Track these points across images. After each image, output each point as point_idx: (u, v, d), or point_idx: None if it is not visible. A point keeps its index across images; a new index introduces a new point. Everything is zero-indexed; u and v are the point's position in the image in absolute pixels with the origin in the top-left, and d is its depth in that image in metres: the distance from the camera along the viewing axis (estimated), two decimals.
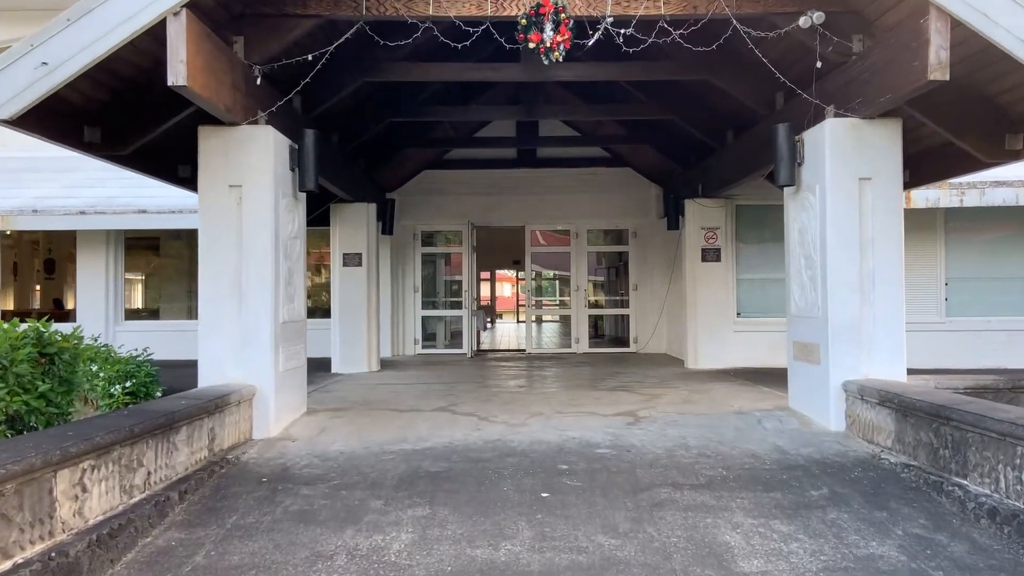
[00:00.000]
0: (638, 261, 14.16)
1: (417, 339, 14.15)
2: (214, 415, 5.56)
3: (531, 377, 10.35)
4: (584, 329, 14.25)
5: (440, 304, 15.02)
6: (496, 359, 13.27)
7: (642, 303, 14.11)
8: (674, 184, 12.55)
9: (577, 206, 14.10)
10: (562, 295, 32.22)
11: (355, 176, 10.93)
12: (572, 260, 14.33)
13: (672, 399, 7.95)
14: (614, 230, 14.83)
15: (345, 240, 11.15)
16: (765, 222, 11.58)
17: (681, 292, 12.10)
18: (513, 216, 14.23)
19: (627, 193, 14.09)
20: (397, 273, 14.03)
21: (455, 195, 14.09)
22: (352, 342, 11.06)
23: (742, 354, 11.13)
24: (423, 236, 14.38)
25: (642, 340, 14.06)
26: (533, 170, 14.06)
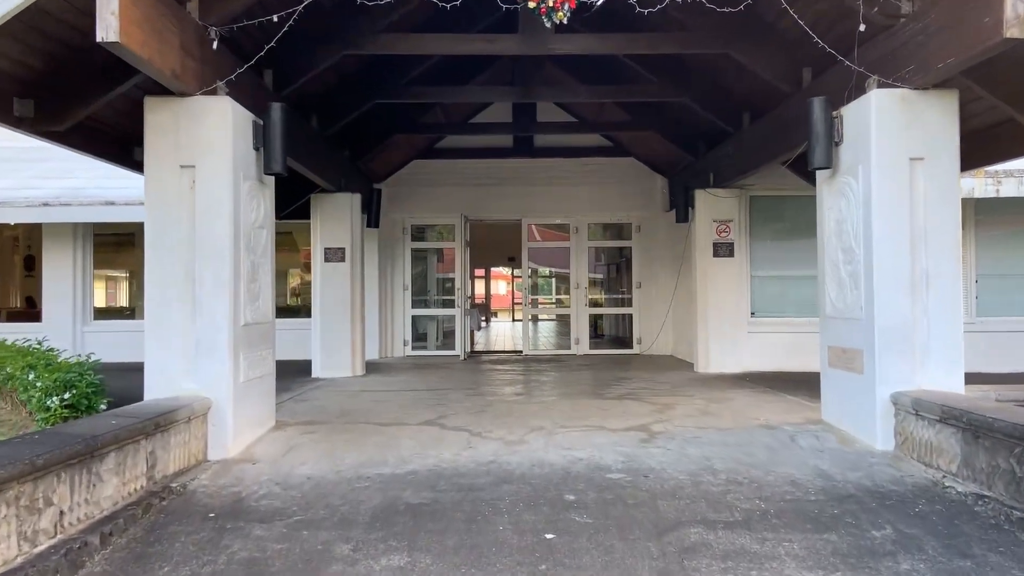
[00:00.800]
0: (642, 257, 13.30)
1: (407, 340, 13.28)
2: (155, 436, 4.68)
3: (529, 383, 9.48)
4: (584, 329, 13.39)
5: (432, 303, 14.14)
6: (491, 362, 12.40)
7: (646, 302, 13.26)
8: (682, 174, 11.70)
9: (577, 199, 13.25)
10: (559, 293, 31.43)
11: (337, 164, 10.05)
12: (572, 256, 13.47)
13: (688, 410, 7.09)
14: (616, 224, 13.97)
15: (327, 234, 10.27)
16: (781, 214, 10.74)
17: (690, 290, 11.25)
18: (509, 209, 13.37)
19: (630, 185, 13.23)
20: (385, 270, 13.15)
21: (447, 187, 13.23)
22: (334, 344, 10.19)
23: (757, 357, 10.29)
24: (413, 231, 13.50)
25: (646, 341, 13.21)
26: (530, 160, 13.20)
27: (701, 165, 10.79)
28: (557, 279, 30.20)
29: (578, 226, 13.38)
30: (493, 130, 12.40)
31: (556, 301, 29.64)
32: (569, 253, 13.57)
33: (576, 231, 13.37)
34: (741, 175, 9.46)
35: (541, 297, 30.15)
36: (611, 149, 13.20)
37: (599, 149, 13.20)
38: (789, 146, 7.59)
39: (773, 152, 8.16)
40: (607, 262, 16.84)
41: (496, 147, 13.19)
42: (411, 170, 13.23)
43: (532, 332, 13.72)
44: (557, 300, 24.87)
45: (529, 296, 13.53)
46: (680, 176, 11.79)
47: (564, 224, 13.67)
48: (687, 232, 11.13)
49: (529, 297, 13.54)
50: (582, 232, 13.39)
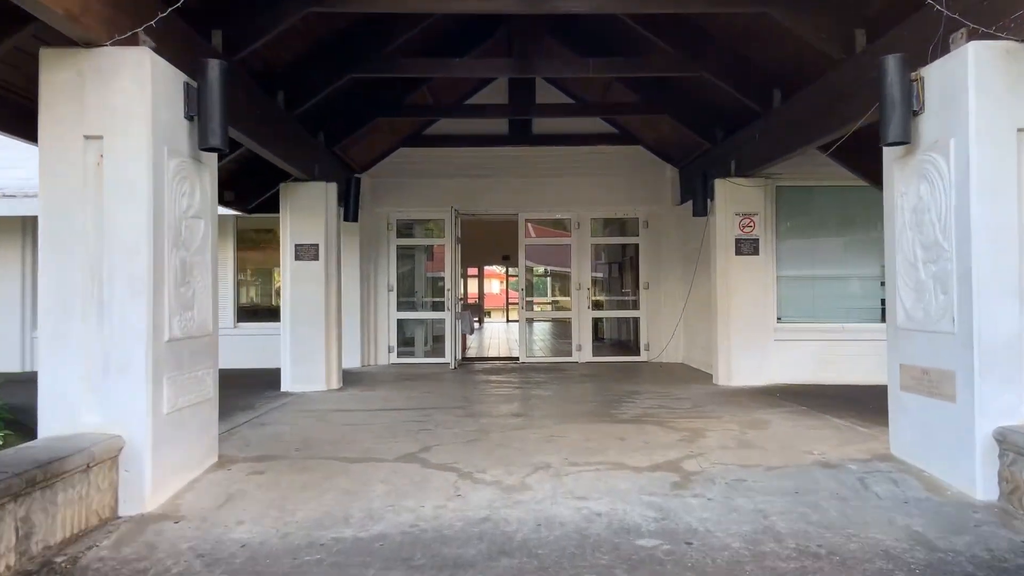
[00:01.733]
0: (650, 255, 12.12)
1: (392, 346, 12.06)
2: (29, 496, 3.46)
3: (528, 399, 8.28)
4: (587, 335, 12.20)
5: (419, 305, 12.94)
6: (484, 371, 11.20)
7: (654, 304, 12.08)
8: (698, 162, 10.53)
9: (579, 191, 12.05)
10: (557, 294, 30.24)
11: (309, 148, 8.83)
12: (573, 254, 12.27)
13: (722, 439, 5.90)
14: (621, 219, 12.78)
15: (298, 228, 9.04)
16: (811, 207, 9.58)
17: (706, 292, 10.07)
18: (504, 203, 12.17)
19: (638, 175, 12.05)
20: (368, 269, 11.93)
21: (436, 178, 12.02)
22: (306, 354, 8.96)
23: (784, 368, 9.13)
24: (399, 226, 12.29)
25: (655, 348, 12.03)
26: (528, 149, 12.01)
27: (720, 152, 9.62)
28: (553, 278, 29.06)
29: (580, 221, 12.18)
30: (487, 113, 11.20)
31: (552, 303, 28.50)
32: (569, 251, 12.37)
33: (578, 227, 12.18)
34: (768, 162, 8.29)
35: (538, 298, 28.99)
36: (616, 136, 12.01)
37: (603, 136, 12.01)
38: (837, 123, 6.44)
39: (813, 133, 7.00)
40: (608, 260, 15.65)
41: (490, 134, 11.99)
42: (396, 159, 12.02)
43: (528, 336, 12.52)
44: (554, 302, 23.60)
45: (525, 299, 12.34)
46: (695, 165, 10.61)
47: (564, 219, 12.47)
48: (704, 227, 9.95)
49: (525, 299, 12.34)
50: (584, 228, 12.20)
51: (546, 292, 31.39)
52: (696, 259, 10.63)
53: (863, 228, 9.46)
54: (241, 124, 6.03)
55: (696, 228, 10.82)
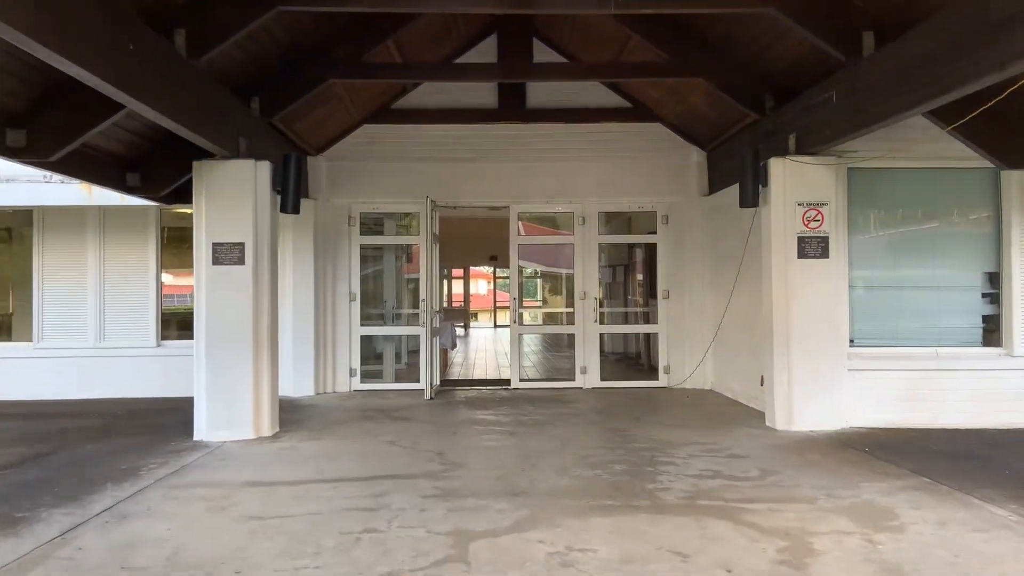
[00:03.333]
0: (671, 257, 9.91)
1: (354, 369, 9.79)
2: None
3: (526, 459, 6.00)
4: (594, 354, 9.96)
5: (390, 318, 10.68)
6: (468, 403, 8.94)
7: (676, 317, 9.87)
8: (733, 143, 8.35)
9: (584, 178, 9.83)
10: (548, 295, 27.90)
11: (232, 115, 6.58)
12: (576, 256, 10.03)
13: (846, 557, 3.68)
14: (636, 214, 10.57)
15: (217, 222, 6.77)
16: (893, 194, 7.39)
17: (751, 304, 7.90)
18: (492, 192, 9.93)
19: (656, 160, 9.84)
20: (325, 274, 9.66)
21: (409, 161, 9.77)
22: (226, 389, 6.70)
23: (861, 406, 6.97)
24: (363, 221, 10.01)
25: (678, 370, 9.82)
26: (522, 127, 9.78)
27: (772, 124, 7.43)
28: (544, 278, 26.78)
29: (585, 215, 9.95)
30: (469, 75, 8.93)
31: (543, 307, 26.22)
32: (572, 251, 10.13)
33: (582, 222, 9.94)
34: (850, 133, 6.13)
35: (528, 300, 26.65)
36: (630, 112, 9.80)
37: (613, 112, 9.80)
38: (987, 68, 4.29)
39: (935, 87, 4.83)
40: (610, 263, 13.44)
41: (475, 108, 9.74)
42: (360, 139, 9.76)
43: (520, 349, 10.26)
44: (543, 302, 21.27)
45: (518, 309, 10.09)
46: (733, 143, 8.43)
47: (565, 213, 10.23)
48: (750, 221, 7.76)
49: (518, 311, 10.10)
50: (591, 224, 9.96)
51: (536, 294, 29.14)
52: (737, 261, 8.43)
53: (960, 223, 7.31)
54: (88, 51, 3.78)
55: (730, 223, 8.64)
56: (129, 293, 9.45)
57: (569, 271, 10.72)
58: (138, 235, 9.44)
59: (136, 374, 9.34)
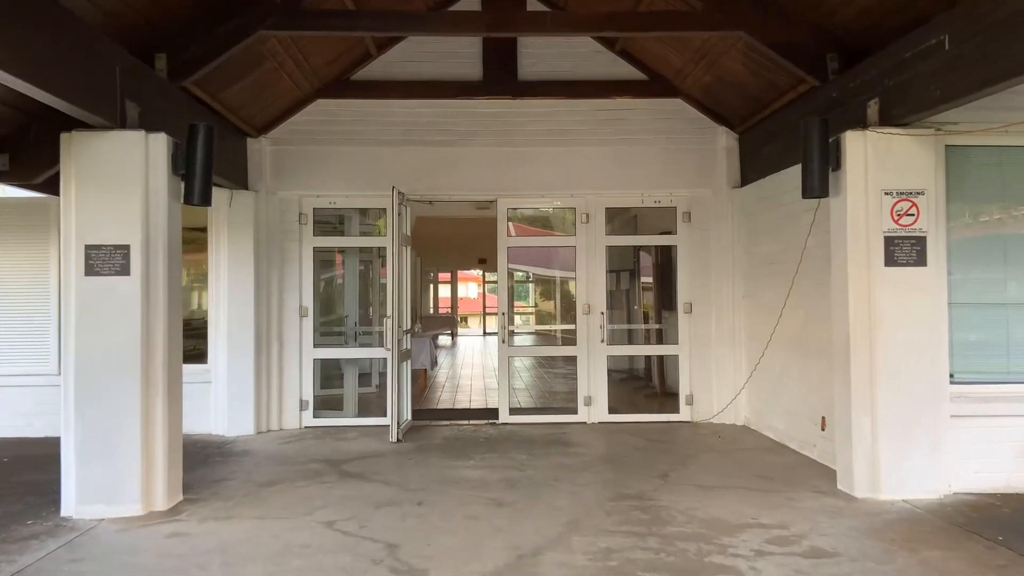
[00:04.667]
0: (694, 262, 8.12)
1: (306, 401, 7.96)
2: None
3: (521, 556, 4.18)
4: (601, 381, 8.14)
5: (352, 336, 8.84)
6: (444, 448, 7.11)
7: (701, 337, 8.07)
8: (777, 120, 6.58)
9: (588, 167, 8.05)
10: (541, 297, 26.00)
11: (114, 70, 4.74)
12: (579, 261, 8.22)
13: None
14: (647, 211, 8.78)
15: (90, 216, 4.93)
16: (1005, 181, 5.59)
17: (808, 323, 6.13)
18: (476, 183, 8.11)
19: (676, 144, 8.05)
20: (269, 284, 7.84)
21: (375, 145, 7.97)
22: (104, 446, 4.86)
23: (968, 465, 5.19)
24: (319, 218, 8.20)
25: (704, 402, 8.03)
26: (512, 103, 8.00)
27: (841, 89, 5.67)
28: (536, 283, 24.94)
29: (589, 212, 8.15)
30: (443, 25, 7.08)
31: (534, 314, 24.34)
32: (572, 256, 8.32)
33: (585, 220, 8.14)
34: (976, 91, 4.33)
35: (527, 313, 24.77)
36: (645, 85, 8.02)
37: (625, 85, 8.01)
38: None
39: None
40: (611, 267, 11.59)
41: (454, 79, 7.95)
42: (313, 118, 7.94)
43: (510, 373, 8.42)
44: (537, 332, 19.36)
45: (507, 327, 8.25)
46: (785, 118, 6.66)
47: (565, 209, 8.42)
48: (814, 215, 5.98)
49: (507, 328, 8.25)
50: (596, 222, 8.16)
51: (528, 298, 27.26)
52: (784, 268, 6.65)
53: None
54: None
55: (773, 221, 6.89)
56: (21, 308, 7.57)
57: (566, 274, 8.94)
58: (32, 236, 7.57)
59: (32, 408, 7.48)
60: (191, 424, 7.57)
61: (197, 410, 7.65)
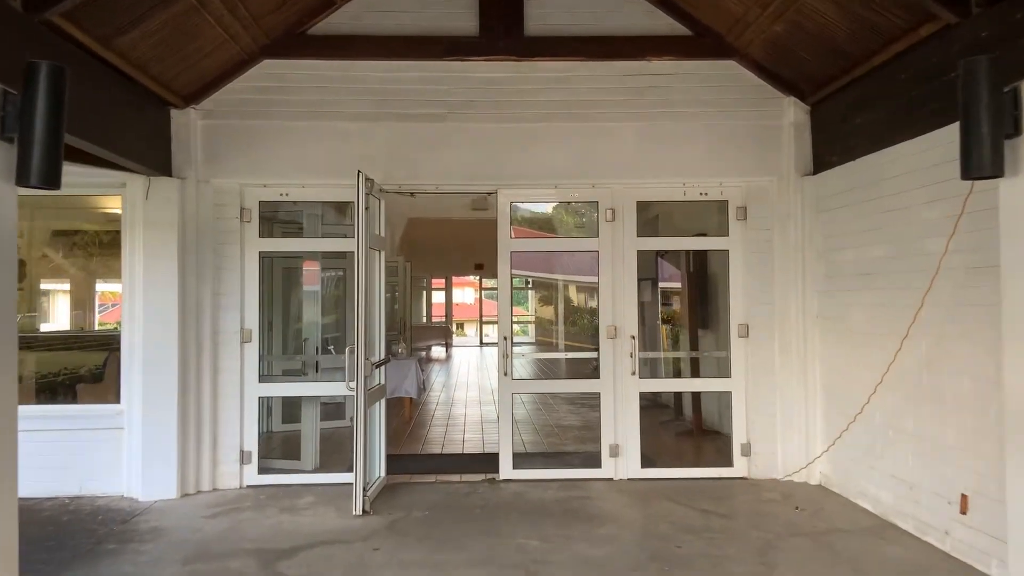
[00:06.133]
0: (753, 271, 6.28)
1: (248, 453, 6.11)
2: None
3: None
4: (632, 424, 6.29)
5: (312, 368, 6.98)
6: (425, 526, 5.27)
7: (762, 368, 6.22)
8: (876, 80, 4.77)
9: (614, 149, 6.23)
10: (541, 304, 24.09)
11: None
12: (602, 270, 6.38)
13: None
14: (678, 207, 6.94)
15: None
16: None
17: (946, 361, 4.31)
18: (471, 169, 6.27)
19: (728, 119, 6.24)
20: (197, 300, 6.01)
21: (339, 120, 6.15)
22: None
23: None
24: (265, 213, 6.37)
25: (764, 451, 6.19)
26: (518, 65, 6.19)
27: (1008, 21, 3.84)
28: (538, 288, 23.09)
29: (615, 206, 6.31)
30: None
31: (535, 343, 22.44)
32: (594, 263, 6.49)
33: (611, 217, 6.30)
34: None
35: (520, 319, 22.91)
36: (689, 42, 6.20)
37: (663, 42, 6.19)
38: None
39: None
40: None
41: (443, 35, 6.13)
42: (259, 83, 6.11)
43: (512, 412, 6.52)
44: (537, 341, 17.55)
45: (509, 354, 6.37)
46: (888, 77, 4.84)
47: (586, 203, 6.57)
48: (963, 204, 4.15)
49: (510, 356, 6.37)
50: (624, 219, 6.32)
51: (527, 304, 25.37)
52: (901, 281, 4.83)
53: None
54: None
55: (868, 215, 5.08)
56: None
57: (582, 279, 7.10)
58: None
59: None
60: (97, 484, 5.88)
61: (105, 465, 5.95)
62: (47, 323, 8.51)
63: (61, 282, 8.49)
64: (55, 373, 6.92)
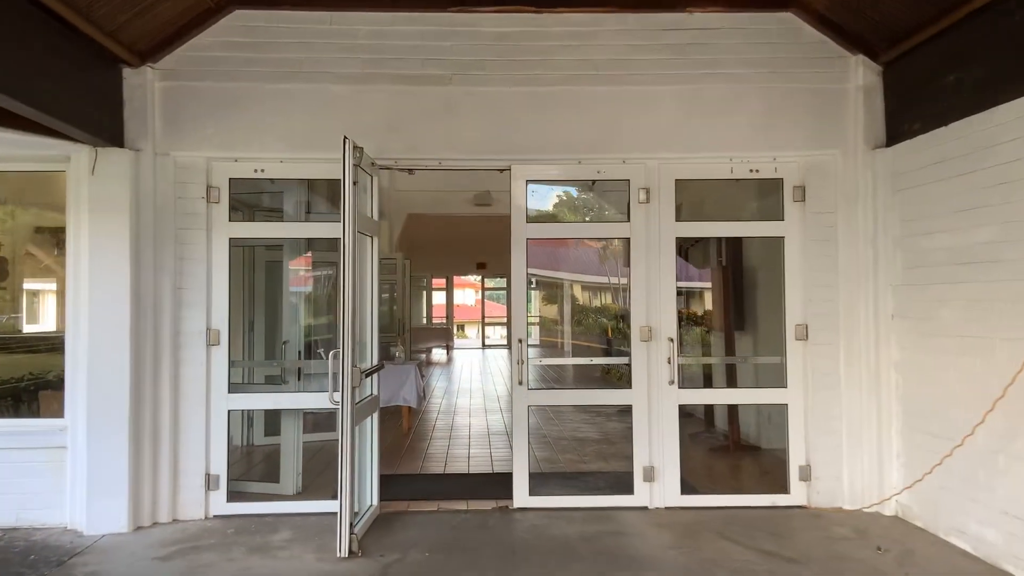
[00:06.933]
0: (812, 261, 5.30)
1: (215, 476, 5.14)
2: None
3: None
4: (671, 442, 5.33)
5: (292, 374, 5.99)
6: (429, 571, 4.30)
7: (824, 376, 5.25)
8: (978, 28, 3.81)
9: (649, 117, 5.27)
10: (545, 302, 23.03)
11: None
12: (633, 259, 5.40)
13: None
14: (708, 186, 5.94)
15: None
16: None
17: None
18: (480, 140, 5.30)
19: (782, 83, 5.28)
20: (154, 295, 5.05)
21: (324, 81, 5.20)
22: None
23: None
24: (235, 193, 5.41)
25: (828, 476, 5.22)
26: (535, 17, 5.21)
27: None
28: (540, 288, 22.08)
29: (650, 185, 5.35)
30: None
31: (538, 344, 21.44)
32: (623, 251, 5.52)
33: (644, 198, 5.33)
34: None
35: None
36: None
37: None
38: None
39: None
40: None
41: None
42: (227, 36, 5.15)
43: (528, 422, 5.50)
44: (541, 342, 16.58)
45: (523, 360, 5.38)
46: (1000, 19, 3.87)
47: (615, 182, 5.59)
48: None
49: (524, 362, 5.39)
50: (661, 200, 5.34)
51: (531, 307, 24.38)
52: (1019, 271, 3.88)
53: None
54: None
55: (966, 192, 4.13)
56: None
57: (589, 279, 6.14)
58: None
59: None
60: (36, 514, 4.95)
61: (45, 491, 4.98)
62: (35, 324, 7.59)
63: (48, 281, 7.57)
64: (18, 378, 5.96)
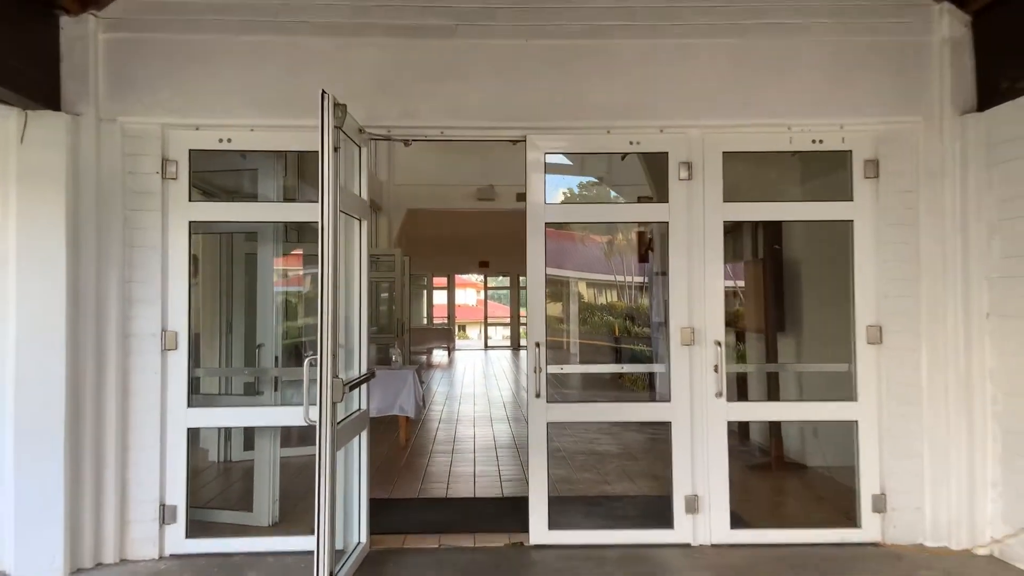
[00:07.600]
0: (887, 250, 4.43)
1: (173, 508, 4.26)
2: None
3: None
4: (719, 467, 4.44)
5: (272, 382, 5.11)
6: None
7: (904, 387, 4.37)
8: None
9: (690, 77, 4.41)
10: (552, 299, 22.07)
11: None
12: (672, 246, 4.51)
13: None
14: (743, 161, 5.07)
15: None
16: None
17: None
18: (489, 104, 4.43)
19: (851, 36, 4.40)
20: (98, 290, 4.18)
21: (301, 34, 4.32)
22: None
23: None
24: (201, 170, 4.54)
25: (907, 508, 4.34)
26: None
27: None
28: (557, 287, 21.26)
29: (692, 159, 4.47)
30: None
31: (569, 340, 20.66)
32: (659, 238, 4.63)
33: (686, 174, 4.46)
34: None
35: None
36: None
37: None
38: None
39: None
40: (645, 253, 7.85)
41: None
42: None
43: (546, 447, 4.62)
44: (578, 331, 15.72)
45: (543, 367, 4.49)
46: None
47: (653, 155, 4.71)
48: None
49: (543, 369, 4.50)
50: (706, 176, 4.47)
51: None
52: None
53: None
54: None
55: None
56: None
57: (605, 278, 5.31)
58: None
59: None
60: None
61: None
62: None
63: None
64: None
